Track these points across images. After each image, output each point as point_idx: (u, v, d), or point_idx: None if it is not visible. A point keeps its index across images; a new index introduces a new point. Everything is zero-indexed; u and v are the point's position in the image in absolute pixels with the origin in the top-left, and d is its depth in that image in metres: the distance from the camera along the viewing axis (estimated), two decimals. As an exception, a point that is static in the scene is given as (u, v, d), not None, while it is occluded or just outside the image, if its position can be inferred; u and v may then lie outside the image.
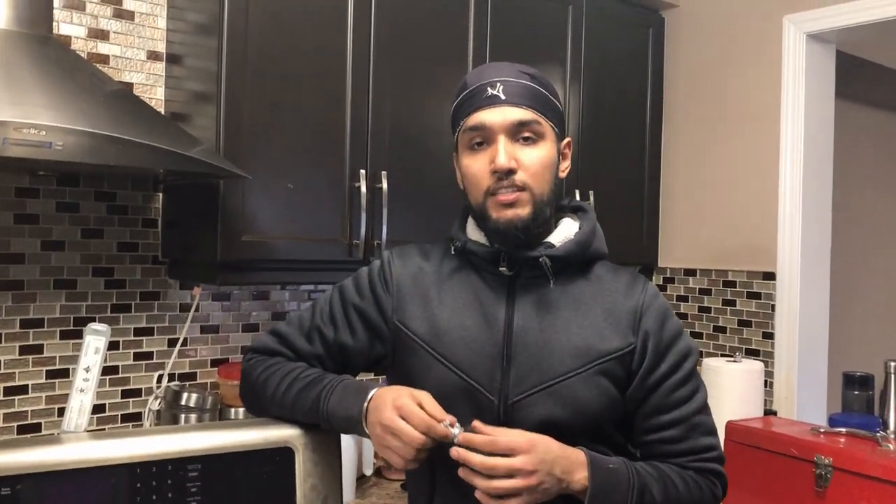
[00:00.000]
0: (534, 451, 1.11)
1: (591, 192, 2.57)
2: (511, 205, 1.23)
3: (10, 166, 1.74)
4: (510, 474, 1.10)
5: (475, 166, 1.26)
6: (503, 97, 1.24)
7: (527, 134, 1.24)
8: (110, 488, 1.13)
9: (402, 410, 1.13)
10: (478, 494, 1.11)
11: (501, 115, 1.23)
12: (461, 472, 1.12)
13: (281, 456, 1.26)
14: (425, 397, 1.16)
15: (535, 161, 1.24)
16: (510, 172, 1.22)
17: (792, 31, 2.56)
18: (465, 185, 1.30)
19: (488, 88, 1.25)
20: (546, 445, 1.13)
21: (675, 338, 1.28)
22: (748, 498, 1.95)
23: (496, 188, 1.23)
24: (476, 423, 1.14)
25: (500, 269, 1.27)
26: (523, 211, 1.23)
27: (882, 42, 3.54)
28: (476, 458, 1.10)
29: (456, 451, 1.11)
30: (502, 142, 1.23)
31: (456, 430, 1.12)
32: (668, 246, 2.90)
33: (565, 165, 1.33)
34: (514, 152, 1.23)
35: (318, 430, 1.29)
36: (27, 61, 1.59)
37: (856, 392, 2.33)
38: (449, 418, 1.13)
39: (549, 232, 1.31)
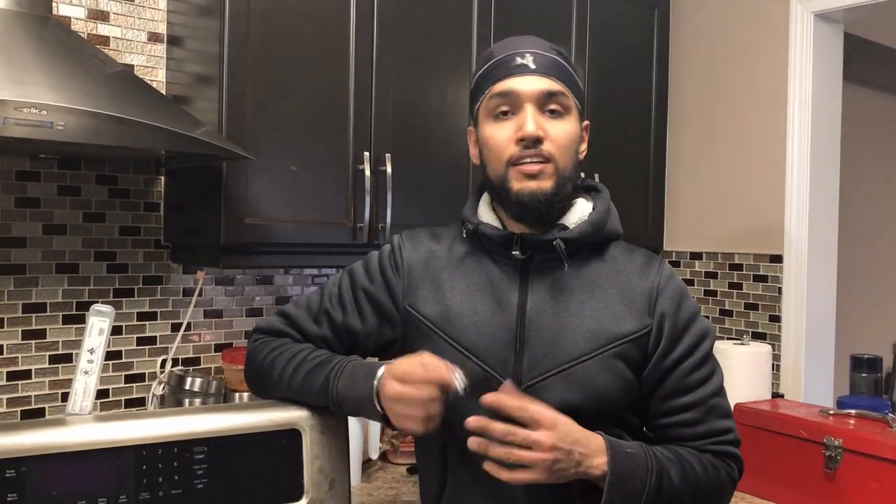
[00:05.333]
0: (555, 429, 1.08)
1: (596, 176, 2.54)
2: (535, 176, 1.20)
3: (11, 148, 1.72)
4: (528, 446, 1.07)
5: (499, 134, 1.23)
6: (533, 66, 1.22)
7: (554, 106, 1.22)
8: (116, 470, 1.12)
9: (402, 377, 1.13)
10: (486, 465, 1.09)
11: (531, 84, 1.21)
12: (471, 442, 1.08)
13: (288, 438, 1.25)
14: (425, 355, 1.14)
15: (562, 134, 1.22)
16: (538, 141, 1.19)
17: (799, 9, 2.52)
18: (485, 155, 1.26)
19: (517, 58, 1.23)
20: (567, 427, 1.10)
21: (692, 320, 1.26)
22: (758, 480, 1.94)
23: (520, 157, 1.20)
24: (509, 383, 1.12)
25: (514, 252, 1.24)
26: (546, 184, 1.21)
27: (890, 23, 3.52)
28: (498, 425, 1.07)
29: (475, 420, 1.08)
30: (530, 110, 1.20)
31: (460, 380, 1.10)
32: (674, 229, 2.87)
33: (584, 147, 1.31)
34: (542, 123, 1.21)
35: (326, 412, 1.27)
36: (27, 41, 1.57)
37: (864, 374, 2.31)
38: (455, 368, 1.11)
39: (564, 212, 1.28)
